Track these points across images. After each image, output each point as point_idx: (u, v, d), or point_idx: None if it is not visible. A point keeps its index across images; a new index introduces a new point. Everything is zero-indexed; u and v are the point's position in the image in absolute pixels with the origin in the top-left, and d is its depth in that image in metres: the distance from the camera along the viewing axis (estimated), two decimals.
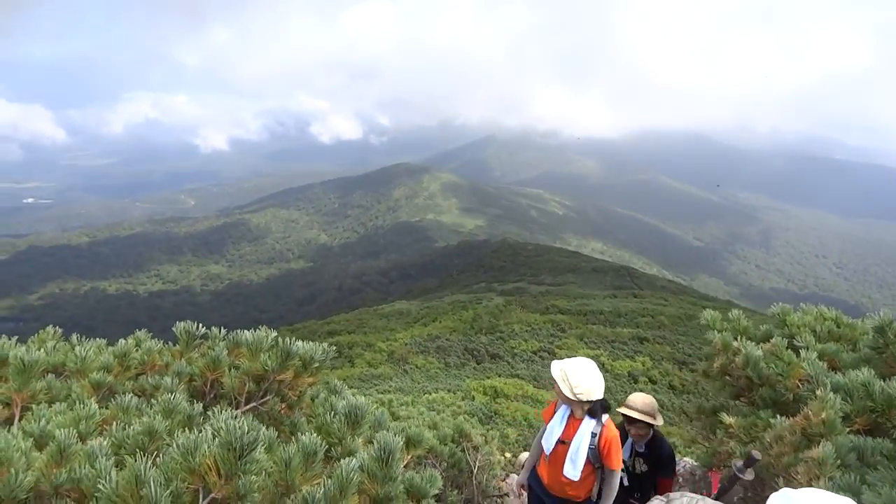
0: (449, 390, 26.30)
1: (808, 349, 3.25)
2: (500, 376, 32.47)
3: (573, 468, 3.61)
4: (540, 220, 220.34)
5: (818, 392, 2.64)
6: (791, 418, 2.83)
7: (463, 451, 4.99)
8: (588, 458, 3.64)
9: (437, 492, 2.71)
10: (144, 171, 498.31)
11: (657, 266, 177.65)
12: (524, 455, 6.40)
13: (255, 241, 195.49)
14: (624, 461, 4.24)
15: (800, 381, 3.12)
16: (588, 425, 3.64)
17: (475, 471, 4.96)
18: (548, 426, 3.83)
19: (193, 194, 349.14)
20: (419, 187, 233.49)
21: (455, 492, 4.53)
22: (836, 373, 3.07)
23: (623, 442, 4.29)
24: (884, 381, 2.75)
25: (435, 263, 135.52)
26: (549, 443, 3.74)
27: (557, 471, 3.69)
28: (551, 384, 4.12)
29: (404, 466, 2.94)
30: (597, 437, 3.63)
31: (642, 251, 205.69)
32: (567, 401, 3.69)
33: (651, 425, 4.28)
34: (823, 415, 2.53)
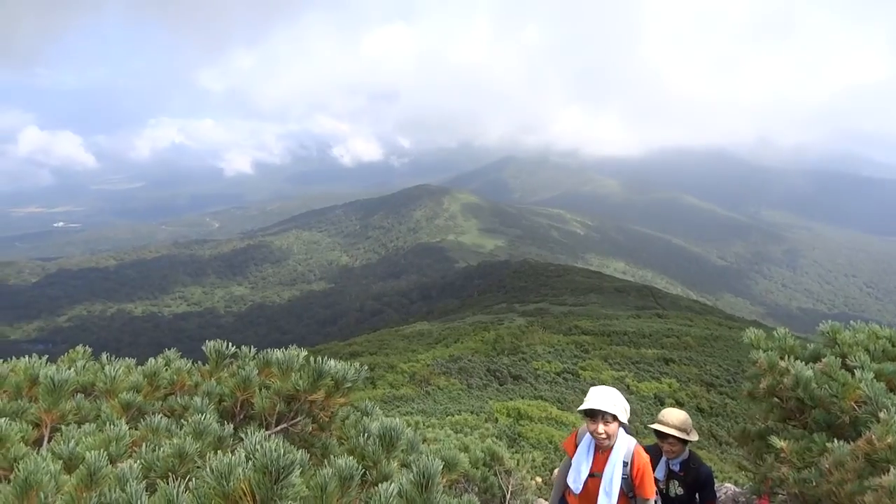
0: (472, 412, 25.98)
1: (863, 369, 3.08)
2: (523, 398, 32.03)
3: (608, 500, 3.42)
4: (561, 240, 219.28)
5: (881, 415, 2.47)
6: (849, 442, 2.66)
7: (495, 474, 4.84)
8: (622, 488, 3.49)
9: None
10: (170, 195, 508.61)
11: (681, 286, 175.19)
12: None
13: (277, 262, 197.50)
14: (658, 482, 4.06)
15: (856, 402, 2.95)
16: (618, 454, 3.47)
17: (508, 496, 4.80)
18: (573, 461, 3.64)
19: (218, 217, 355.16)
20: (439, 208, 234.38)
21: None
22: (895, 394, 2.90)
23: (656, 463, 4.13)
24: None
25: (455, 284, 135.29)
26: (578, 479, 3.55)
27: (589, 502, 3.53)
28: (577, 416, 3.94)
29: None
30: (629, 466, 3.47)
31: (665, 271, 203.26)
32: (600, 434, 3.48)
33: (685, 442, 4.08)
34: (889, 439, 2.36)
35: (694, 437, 4.10)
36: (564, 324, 52.52)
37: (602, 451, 3.50)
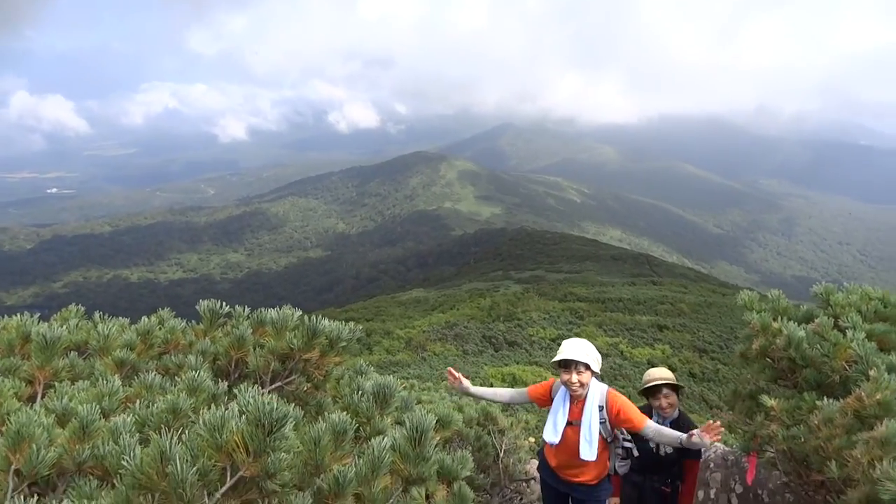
0: (467, 377, 26.32)
1: (855, 329, 3.09)
2: (518, 363, 32.47)
3: (589, 448, 3.46)
4: (557, 207, 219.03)
5: (871, 373, 2.49)
6: (839, 401, 2.69)
7: (489, 434, 4.91)
8: (601, 434, 3.53)
9: (468, 473, 2.62)
10: (165, 161, 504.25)
11: (676, 254, 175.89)
12: None
13: (273, 229, 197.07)
14: (649, 443, 4.07)
15: (847, 362, 2.97)
16: (593, 400, 3.51)
17: (501, 454, 4.88)
18: (550, 414, 3.66)
19: (213, 184, 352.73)
20: (436, 175, 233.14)
21: (481, 475, 4.45)
22: (886, 354, 2.92)
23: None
24: None
25: (452, 252, 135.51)
26: (556, 430, 3.57)
27: (572, 455, 3.54)
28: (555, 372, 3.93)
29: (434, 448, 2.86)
30: (604, 410, 3.52)
31: (661, 239, 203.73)
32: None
33: (677, 392, 4.15)
34: (878, 396, 2.39)
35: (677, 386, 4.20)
36: (560, 291, 52.85)
37: (576, 401, 3.55)
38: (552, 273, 69.43)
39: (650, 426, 3.43)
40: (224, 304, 3.42)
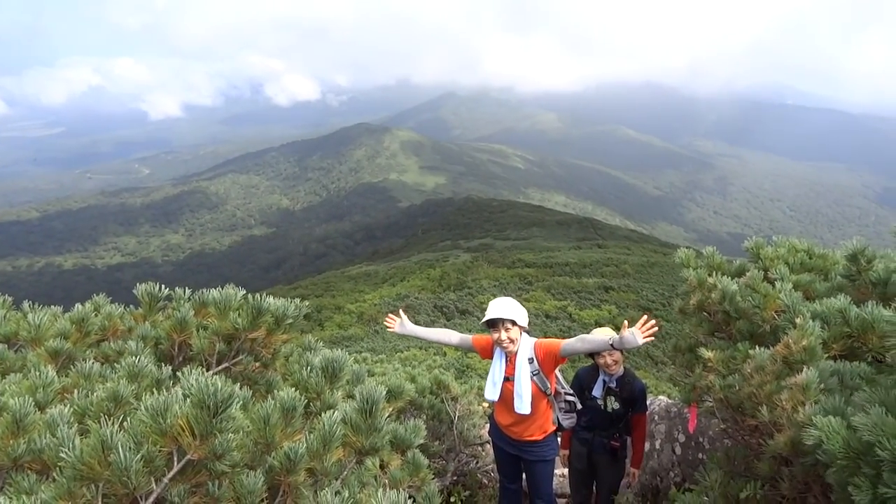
0: (421, 348, 26.49)
1: (783, 280, 3.26)
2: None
3: (521, 401, 3.60)
4: (502, 175, 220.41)
5: (798, 321, 2.64)
6: (769, 349, 2.84)
7: (442, 401, 4.98)
8: (536, 384, 3.65)
9: (421, 441, 2.66)
10: (92, 142, 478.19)
11: (619, 216, 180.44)
12: None
13: (214, 208, 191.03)
14: (596, 399, 4.31)
15: (776, 312, 3.14)
16: (523, 354, 3.66)
17: (455, 421, 4.96)
18: (489, 374, 3.84)
19: (147, 163, 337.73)
20: (380, 147, 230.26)
21: (436, 442, 4.52)
22: (811, 302, 3.09)
23: (592, 382, 4.35)
24: (858, 307, 2.77)
25: (400, 223, 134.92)
26: (495, 387, 3.74)
27: (510, 409, 3.68)
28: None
29: (386, 418, 2.88)
30: (535, 361, 3.67)
31: (604, 202, 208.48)
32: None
33: (621, 351, 4.18)
34: (804, 342, 2.53)
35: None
36: (508, 258, 53.54)
37: (510, 357, 3.71)
38: (500, 241, 70.20)
39: (569, 342, 3.59)
40: (165, 287, 3.32)
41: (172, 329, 2.88)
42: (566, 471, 4.74)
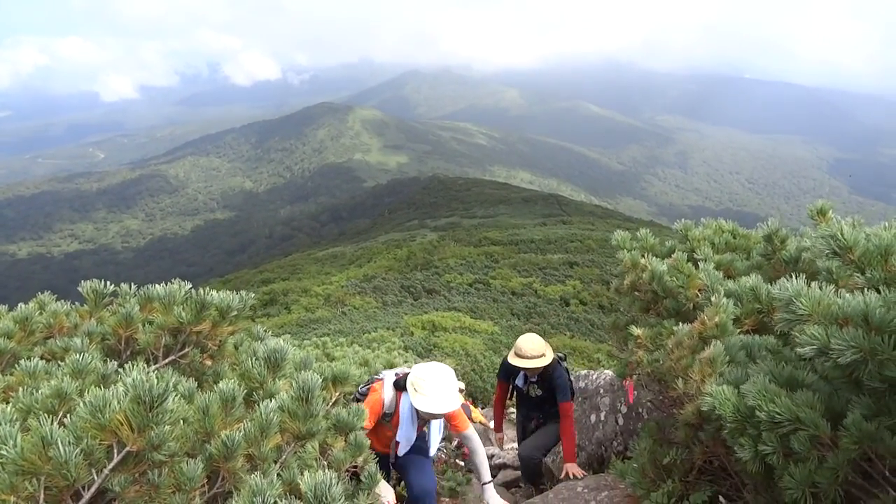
0: (388, 328, 26.66)
1: (706, 261, 3.47)
2: (437, 310, 33.10)
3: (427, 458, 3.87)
4: (467, 153, 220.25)
5: (713, 298, 2.84)
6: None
7: None
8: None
9: (363, 424, 2.79)
10: (42, 125, 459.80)
11: (584, 192, 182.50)
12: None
13: (174, 192, 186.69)
14: (519, 387, 4.94)
15: (699, 290, 3.35)
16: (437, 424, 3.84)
17: None
18: (400, 431, 3.68)
19: (101, 147, 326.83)
20: (343, 127, 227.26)
21: None
22: (730, 281, 3.31)
23: (515, 375, 4.92)
24: (771, 284, 2.98)
25: (366, 204, 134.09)
26: (407, 446, 3.73)
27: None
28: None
29: (333, 403, 3.01)
30: (447, 428, 4.05)
31: (569, 178, 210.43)
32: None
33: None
34: (717, 318, 2.73)
35: (550, 353, 4.63)
36: (475, 236, 53.83)
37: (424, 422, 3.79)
38: (467, 219, 70.47)
39: (475, 439, 3.89)
40: (121, 282, 3.35)
41: (118, 325, 2.94)
42: None
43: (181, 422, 2.02)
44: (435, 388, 3.45)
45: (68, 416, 2.08)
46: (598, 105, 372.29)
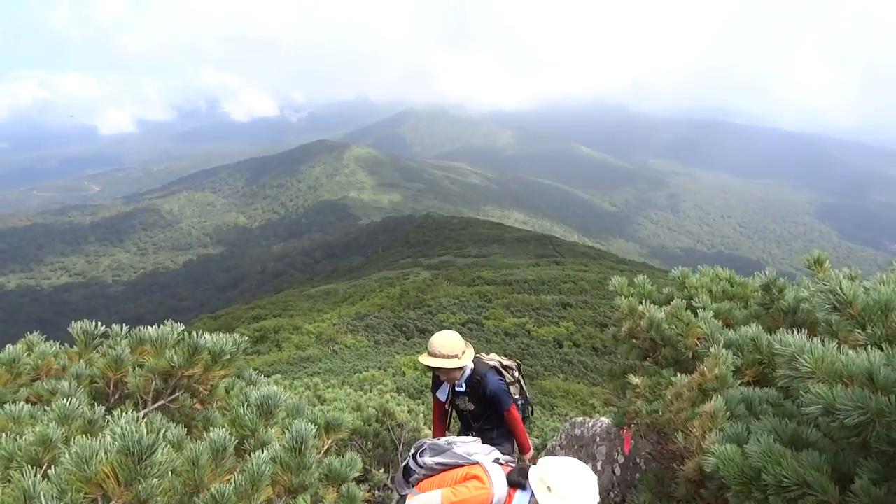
0: (380, 368, 26.35)
1: (704, 309, 3.46)
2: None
3: None
4: (461, 192, 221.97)
5: (712, 349, 2.82)
6: (690, 375, 3.00)
7: (388, 429, 5.02)
8: None
9: (357, 474, 2.72)
10: (39, 157, 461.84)
11: (577, 233, 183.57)
12: None
13: (168, 227, 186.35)
14: (441, 401, 4.20)
15: (698, 339, 3.32)
16: None
17: (401, 448, 5.02)
18: None
19: (97, 180, 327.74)
20: (339, 164, 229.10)
21: (381, 470, 4.56)
22: (729, 330, 3.29)
23: (438, 385, 4.22)
24: (770, 334, 2.96)
25: (360, 241, 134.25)
26: None
27: None
28: None
29: (326, 451, 2.93)
30: None
31: (562, 219, 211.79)
32: None
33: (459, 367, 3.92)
34: (717, 370, 2.70)
35: (467, 358, 3.91)
36: (468, 275, 53.82)
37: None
38: (460, 258, 70.54)
39: None
40: (113, 318, 3.31)
41: (108, 367, 2.88)
42: None
43: (170, 473, 1.96)
44: (577, 491, 2.51)
45: (53, 465, 2.02)
46: (589, 147, 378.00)
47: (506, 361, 4.42)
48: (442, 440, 3.13)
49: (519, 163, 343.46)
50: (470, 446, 3.00)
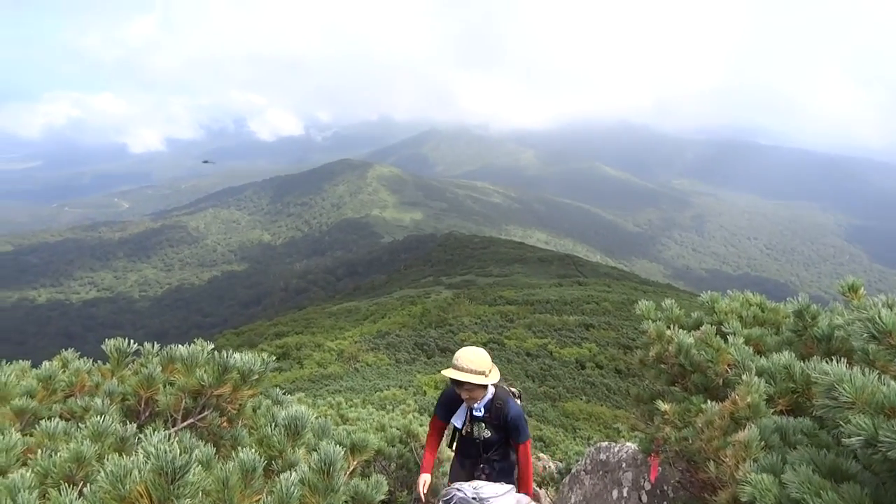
0: (401, 386, 26.29)
1: (735, 335, 3.40)
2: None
3: None
4: (483, 212, 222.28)
5: (744, 377, 2.77)
6: (721, 403, 2.95)
7: (411, 451, 5.00)
8: None
9: (383, 497, 2.70)
10: (71, 175, 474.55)
11: (600, 253, 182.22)
12: None
13: (194, 243, 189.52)
14: (458, 428, 3.97)
15: (728, 366, 3.26)
16: None
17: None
18: None
19: (126, 197, 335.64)
20: (363, 183, 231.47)
21: (405, 492, 4.54)
22: (761, 357, 3.22)
23: (456, 407, 3.96)
24: (803, 362, 2.90)
25: (382, 259, 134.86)
26: None
27: None
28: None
29: (351, 472, 2.93)
30: None
31: (585, 239, 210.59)
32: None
33: (485, 385, 3.75)
34: (749, 398, 2.65)
35: (494, 377, 3.79)
36: (490, 295, 53.63)
37: None
38: (482, 277, 70.38)
39: None
40: (140, 333, 3.37)
41: (139, 385, 2.93)
42: None
43: (200, 493, 1.97)
44: None
45: (87, 483, 2.05)
46: (612, 167, 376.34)
47: (512, 388, 4.27)
48: (468, 491, 3.34)
49: (541, 182, 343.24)
50: (499, 499, 3.34)
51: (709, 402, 3.03)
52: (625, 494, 4.93)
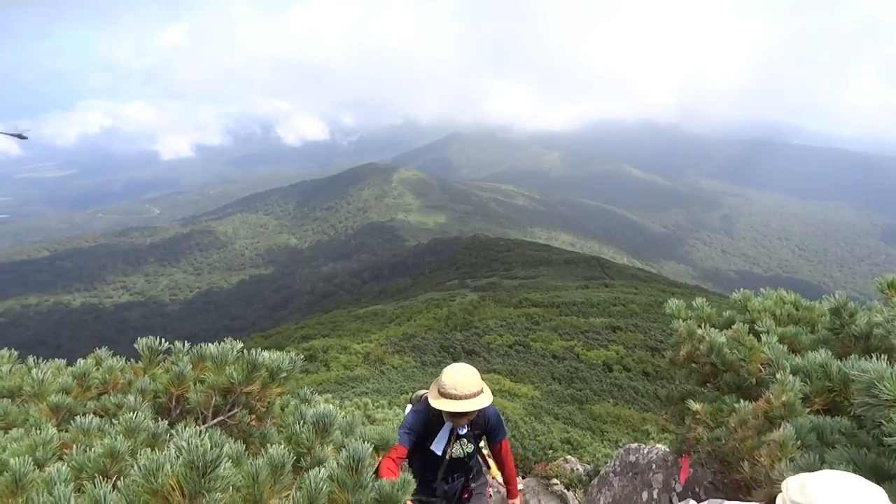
0: (426, 388, 26.27)
1: (768, 333, 3.32)
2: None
3: None
4: (508, 214, 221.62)
5: (778, 375, 2.70)
6: (754, 402, 2.89)
7: None
8: None
9: (408, 497, 2.69)
10: (104, 182, 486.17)
11: (626, 255, 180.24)
12: None
13: (223, 247, 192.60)
14: (434, 453, 3.48)
15: (762, 365, 3.19)
16: None
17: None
18: None
19: (157, 203, 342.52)
20: (388, 187, 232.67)
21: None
22: (795, 355, 3.15)
23: (437, 427, 3.47)
24: (840, 360, 2.82)
25: (407, 262, 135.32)
26: None
27: None
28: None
29: (376, 471, 2.93)
30: None
31: (611, 241, 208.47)
32: None
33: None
34: (784, 397, 2.59)
35: (488, 398, 3.39)
36: (515, 297, 53.40)
37: None
38: (507, 280, 70.15)
39: None
40: (171, 335, 3.42)
41: (170, 383, 2.98)
42: None
43: (230, 488, 1.99)
44: None
45: (121, 477, 2.08)
46: (638, 168, 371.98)
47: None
48: None
49: (566, 184, 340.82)
50: None
51: (742, 401, 2.97)
52: (655, 496, 4.85)
